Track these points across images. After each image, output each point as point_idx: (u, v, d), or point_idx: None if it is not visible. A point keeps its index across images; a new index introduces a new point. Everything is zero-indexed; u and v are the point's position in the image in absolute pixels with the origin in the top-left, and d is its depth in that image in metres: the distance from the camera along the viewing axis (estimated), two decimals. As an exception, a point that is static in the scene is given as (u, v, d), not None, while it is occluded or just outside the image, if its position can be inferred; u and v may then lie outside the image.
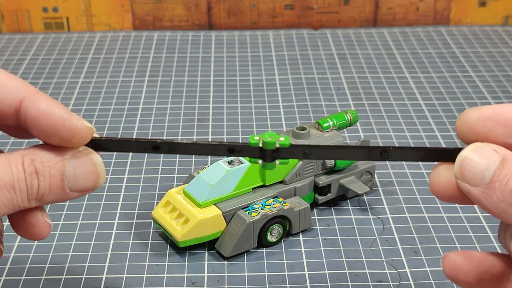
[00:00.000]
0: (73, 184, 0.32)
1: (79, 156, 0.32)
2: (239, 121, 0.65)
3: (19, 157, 0.31)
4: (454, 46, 0.82)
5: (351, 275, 0.45)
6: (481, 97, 0.69)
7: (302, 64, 0.77)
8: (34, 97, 0.32)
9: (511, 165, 0.30)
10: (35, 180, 0.31)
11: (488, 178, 0.30)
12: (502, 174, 0.30)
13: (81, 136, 0.32)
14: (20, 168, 0.31)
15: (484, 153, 0.31)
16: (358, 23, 0.88)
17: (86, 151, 0.32)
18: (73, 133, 0.31)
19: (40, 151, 0.31)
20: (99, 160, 0.32)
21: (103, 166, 0.33)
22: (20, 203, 0.31)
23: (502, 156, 0.30)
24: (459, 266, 0.33)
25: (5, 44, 0.82)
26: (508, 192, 0.29)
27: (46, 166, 0.31)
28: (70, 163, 0.31)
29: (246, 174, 0.47)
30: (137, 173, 0.56)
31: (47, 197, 0.31)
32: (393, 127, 0.63)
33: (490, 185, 0.30)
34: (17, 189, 0.30)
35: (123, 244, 0.48)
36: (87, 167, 0.32)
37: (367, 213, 0.51)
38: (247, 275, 0.45)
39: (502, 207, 0.30)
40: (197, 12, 0.87)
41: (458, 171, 0.31)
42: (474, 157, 0.31)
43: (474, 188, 0.30)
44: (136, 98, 0.69)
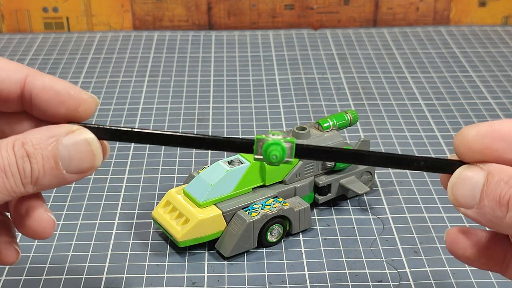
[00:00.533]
0: (68, 165, 0.31)
1: (72, 136, 0.31)
2: (239, 121, 0.65)
3: (9, 142, 0.30)
4: (454, 46, 0.82)
5: (351, 275, 0.45)
6: (481, 97, 0.69)
7: (302, 64, 0.77)
8: (37, 74, 0.33)
9: (495, 178, 0.30)
10: (27, 163, 0.30)
11: (478, 197, 0.31)
12: (488, 190, 0.30)
13: (87, 106, 0.32)
14: (11, 152, 0.30)
15: (469, 175, 0.31)
16: (358, 23, 0.88)
17: (80, 130, 0.31)
18: (78, 102, 0.32)
19: (31, 133, 0.31)
20: (93, 138, 0.32)
21: (98, 144, 0.32)
22: (14, 187, 0.30)
23: (487, 171, 0.31)
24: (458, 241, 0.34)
25: (5, 44, 0.82)
26: (496, 205, 0.30)
27: (37, 148, 0.30)
28: (63, 144, 0.31)
29: (246, 174, 0.47)
30: (137, 173, 0.56)
31: (43, 181, 0.31)
32: (393, 127, 0.63)
33: (481, 204, 0.31)
34: (9, 173, 0.30)
35: (123, 244, 0.48)
36: (81, 146, 0.31)
37: (367, 213, 0.51)
38: (247, 275, 0.45)
39: (496, 222, 0.30)
40: (197, 12, 0.87)
41: (452, 198, 0.32)
42: (462, 180, 0.31)
43: (469, 211, 0.31)
44: (136, 98, 0.69)
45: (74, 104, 0.32)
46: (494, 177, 0.30)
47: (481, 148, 0.31)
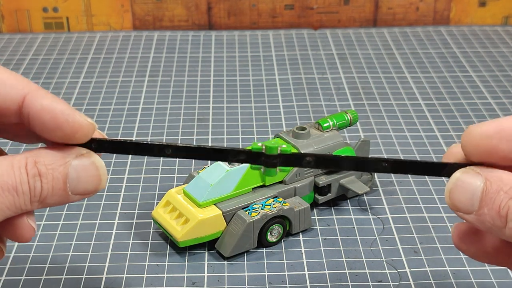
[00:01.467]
0: (75, 187, 0.32)
1: (81, 159, 0.32)
2: (239, 121, 0.65)
3: (22, 160, 0.31)
4: (454, 46, 0.82)
5: (351, 275, 0.45)
6: (481, 97, 0.69)
7: (302, 64, 0.77)
8: (37, 93, 0.32)
9: (493, 186, 0.30)
10: (38, 182, 0.31)
11: (477, 205, 0.31)
12: (487, 198, 0.30)
13: (84, 132, 0.32)
14: (23, 170, 0.31)
15: (467, 180, 0.31)
16: (358, 23, 0.88)
17: (89, 154, 0.32)
18: (75, 128, 0.32)
19: (43, 153, 0.31)
20: (101, 163, 0.32)
21: (105, 170, 0.33)
22: (22, 205, 0.31)
23: (484, 177, 0.31)
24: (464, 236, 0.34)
25: (5, 44, 0.82)
26: (496, 216, 0.30)
27: (49, 168, 0.31)
28: (72, 166, 0.32)
29: (246, 174, 0.47)
30: (137, 173, 0.56)
31: (49, 200, 0.31)
32: (393, 127, 0.63)
33: (480, 212, 0.31)
34: (20, 192, 0.30)
35: (123, 244, 0.48)
36: (89, 170, 0.32)
37: (367, 213, 0.51)
38: (247, 275, 0.45)
39: (495, 229, 0.30)
40: (197, 12, 0.87)
41: (449, 202, 0.32)
42: (459, 186, 0.31)
43: (468, 216, 0.31)
44: (136, 98, 0.69)
45: (71, 131, 0.32)
46: (493, 185, 0.30)
47: (488, 148, 0.31)
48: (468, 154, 0.32)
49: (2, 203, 0.30)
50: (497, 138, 0.31)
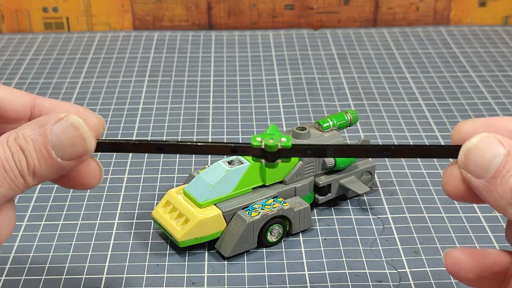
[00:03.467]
0: (62, 152, 0.32)
1: (60, 123, 0.32)
2: (239, 121, 0.65)
3: (3, 139, 0.31)
4: (454, 46, 0.82)
5: (351, 275, 0.45)
6: (481, 97, 0.69)
7: (302, 64, 0.77)
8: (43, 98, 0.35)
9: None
10: (22, 156, 0.31)
11: (491, 172, 0.30)
12: (505, 170, 0.30)
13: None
14: (6, 147, 0.31)
15: (489, 144, 0.30)
16: (358, 23, 0.88)
17: (67, 116, 0.32)
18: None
19: (22, 128, 0.32)
20: (80, 122, 0.32)
21: (86, 128, 0.32)
22: (15, 181, 0.31)
23: (507, 150, 0.30)
24: (461, 263, 0.33)
25: (5, 44, 0.82)
26: (508, 191, 0.29)
27: (28, 140, 0.31)
28: (52, 132, 0.32)
29: (246, 174, 0.47)
30: (137, 173, 0.56)
31: (41, 171, 0.31)
32: (393, 127, 0.63)
33: (492, 180, 0.30)
34: (7, 168, 0.31)
35: (123, 244, 0.48)
36: (69, 132, 0.32)
37: (367, 213, 0.51)
38: (247, 275, 0.45)
39: (501, 203, 0.30)
40: (197, 12, 0.87)
41: (462, 161, 0.31)
42: (479, 149, 0.30)
43: (476, 180, 0.30)
44: (136, 98, 0.69)
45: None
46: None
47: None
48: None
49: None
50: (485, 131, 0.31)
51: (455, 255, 0.33)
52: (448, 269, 0.33)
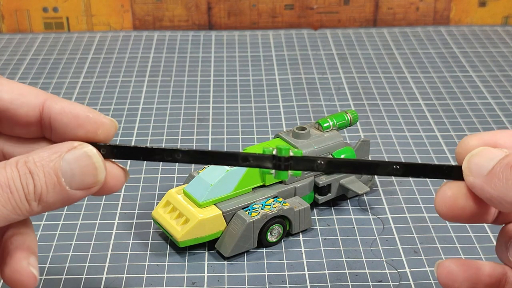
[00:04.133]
0: (71, 180, 0.31)
1: (73, 151, 0.31)
2: (239, 121, 0.65)
3: (13, 161, 0.31)
4: (454, 46, 0.82)
5: (351, 275, 0.45)
6: (481, 97, 0.69)
7: (302, 64, 0.77)
8: (55, 98, 0.33)
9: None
10: (30, 179, 0.30)
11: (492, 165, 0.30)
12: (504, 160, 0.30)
13: (106, 128, 0.32)
14: (14, 169, 0.30)
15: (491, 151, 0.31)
16: (358, 23, 0.88)
17: (81, 145, 0.32)
18: (97, 124, 0.32)
19: (33, 153, 0.31)
20: (93, 152, 0.32)
21: (99, 158, 0.32)
22: (19, 204, 0.30)
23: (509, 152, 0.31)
24: (454, 275, 0.33)
25: (5, 44, 0.82)
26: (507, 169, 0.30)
27: (39, 165, 0.31)
28: (64, 159, 0.31)
29: (246, 174, 0.47)
30: (137, 173, 0.56)
31: (47, 197, 0.31)
32: (393, 127, 0.63)
33: (492, 171, 0.30)
34: (13, 188, 0.30)
35: (123, 244, 0.48)
36: (82, 160, 0.31)
37: (367, 213, 0.51)
38: (247, 275, 0.45)
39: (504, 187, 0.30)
40: (197, 12, 0.87)
41: (466, 166, 0.31)
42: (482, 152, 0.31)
43: (477, 178, 0.31)
44: (136, 98, 0.69)
45: (93, 127, 0.32)
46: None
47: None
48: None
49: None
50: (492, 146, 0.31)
51: (448, 266, 0.33)
52: (441, 281, 0.33)
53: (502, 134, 0.32)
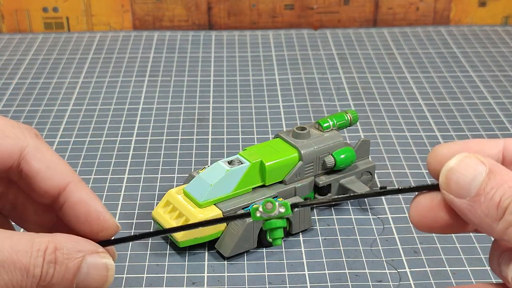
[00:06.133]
0: (82, 281, 0.32)
1: (96, 257, 0.32)
2: (239, 121, 0.65)
3: (43, 243, 0.31)
4: (454, 46, 0.82)
5: (351, 275, 0.45)
6: (481, 97, 0.69)
7: (302, 64, 0.77)
8: (79, 185, 0.33)
9: (498, 177, 0.29)
10: (52, 269, 0.31)
11: (474, 191, 0.29)
12: (488, 187, 0.29)
13: (108, 232, 0.33)
14: (41, 254, 0.30)
15: (470, 163, 0.30)
16: (358, 23, 0.88)
17: (104, 253, 0.32)
18: (103, 227, 0.33)
19: (64, 240, 0.31)
20: (112, 266, 0.33)
21: (114, 272, 0.33)
22: (27, 285, 0.30)
23: (488, 168, 0.30)
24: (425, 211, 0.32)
25: (5, 44, 0.82)
26: (493, 206, 0.29)
27: (66, 257, 0.31)
28: (86, 261, 0.32)
29: (246, 174, 0.47)
30: (137, 173, 0.56)
31: (54, 287, 0.31)
32: (393, 127, 0.63)
33: (476, 198, 0.29)
34: (30, 274, 0.30)
35: (123, 244, 0.48)
36: (100, 270, 0.32)
37: (367, 213, 0.51)
38: (247, 275, 0.45)
39: (486, 221, 0.29)
40: (197, 12, 0.87)
41: (444, 181, 0.30)
42: (460, 168, 0.30)
43: (459, 200, 0.30)
44: (136, 98, 0.69)
45: (97, 228, 0.33)
46: (497, 177, 0.29)
47: None
48: (433, 172, 0.31)
49: (10, 281, 0.30)
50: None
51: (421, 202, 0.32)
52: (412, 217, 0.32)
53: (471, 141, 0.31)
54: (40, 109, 0.67)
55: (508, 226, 0.29)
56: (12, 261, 0.30)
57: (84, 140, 0.61)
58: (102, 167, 0.57)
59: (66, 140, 0.61)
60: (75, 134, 0.62)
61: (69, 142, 0.61)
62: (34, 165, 0.33)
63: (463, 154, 0.30)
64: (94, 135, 0.62)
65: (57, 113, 0.66)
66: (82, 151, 0.59)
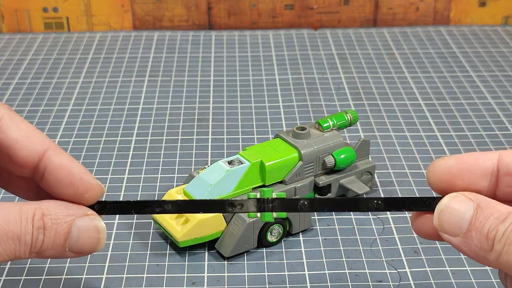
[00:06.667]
0: (73, 245, 0.32)
1: (85, 220, 0.32)
2: (239, 121, 0.65)
3: (30, 210, 0.31)
4: (454, 46, 0.82)
5: (351, 275, 0.45)
6: (481, 97, 0.69)
7: (302, 64, 0.77)
8: (56, 150, 0.34)
9: (485, 211, 0.31)
10: (41, 235, 0.31)
11: (465, 227, 0.31)
12: (477, 222, 0.31)
13: (94, 193, 0.33)
14: (30, 221, 0.31)
15: (459, 202, 0.32)
16: (358, 23, 0.88)
17: (93, 216, 0.33)
18: (87, 188, 0.33)
19: (51, 206, 0.32)
20: (103, 227, 0.33)
21: (106, 234, 0.33)
22: (21, 255, 0.31)
23: (476, 203, 0.32)
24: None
25: (5, 44, 0.82)
26: (483, 238, 0.31)
27: (54, 223, 0.31)
28: (76, 225, 0.32)
29: (246, 174, 0.47)
30: (137, 173, 0.56)
31: (46, 252, 0.32)
32: (393, 127, 0.63)
33: (468, 234, 0.31)
34: (23, 242, 0.31)
35: (123, 244, 0.48)
36: (91, 232, 0.33)
37: (367, 213, 0.51)
38: (247, 275, 0.45)
39: (481, 254, 0.31)
40: (197, 12, 0.87)
41: (438, 224, 0.33)
42: (450, 208, 0.32)
43: (454, 238, 0.32)
44: (136, 98, 0.69)
45: (82, 190, 0.33)
46: (484, 211, 0.31)
47: (449, 178, 0.33)
48: (433, 185, 0.34)
49: (4, 250, 0.31)
50: (457, 170, 0.33)
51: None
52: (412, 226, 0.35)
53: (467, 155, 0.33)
54: (40, 109, 0.67)
55: (499, 255, 0.31)
56: (4, 231, 0.30)
57: (84, 140, 0.61)
58: (102, 167, 0.57)
59: (66, 140, 0.61)
60: (75, 134, 0.62)
61: (69, 142, 0.61)
62: (11, 134, 0.33)
63: (451, 194, 0.33)
64: (94, 135, 0.62)
65: (57, 113, 0.66)
66: (82, 151, 0.59)
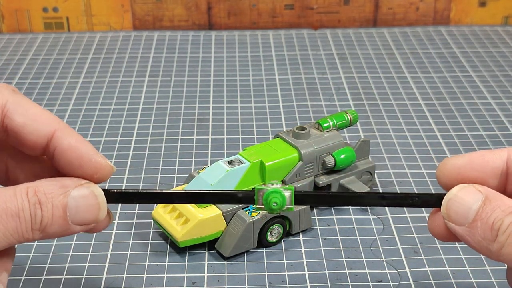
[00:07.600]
0: (74, 216, 0.32)
1: (81, 189, 0.33)
2: (239, 121, 0.65)
3: (23, 188, 0.32)
4: (454, 46, 0.82)
5: (351, 275, 0.45)
6: (481, 97, 0.69)
7: (302, 64, 0.77)
8: (65, 131, 0.34)
9: (492, 203, 0.32)
10: (39, 210, 0.32)
11: (471, 217, 0.32)
12: (483, 213, 0.32)
13: (103, 173, 0.34)
14: (25, 197, 0.31)
15: (468, 193, 0.33)
16: (358, 23, 0.88)
17: (88, 184, 0.33)
18: (96, 169, 0.33)
19: (43, 183, 0.32)
20: (100, 192, 0.33)
21: (104, 199, 0.34)
22: (25, 233, 0.32)
23: (485, 195, 0.32)
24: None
25: (5, 44, 0.82)
26: (488, 229, 0.31)
27: (49, 197, 0.32)
28: (72, 195, 0.32)
29: (246, 174, 0.47)
30: (137, 173, 0.56)
31: (50, 229, 0.32)
32: (393, 127, 0.63)
33: (473, 224, 0.32)
34: (22, 218, 0.31)
35: (123, 244, 0.48)
36: (88, 199, 0.33)
37: (367, 213, 0.51)
38: (247, 275, 0.45)
39: (484, 244, 0.32)
40: (197, 12, 0.87)
41: (445, 212, 0.33)
42: (459, 198, 0.33)
43: (459, 227, 0.32)
44: (136, 98, 0.69)
45: (91, 170, 0.33)
46: (492, 203, 0.32)
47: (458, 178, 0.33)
48: (442, 184, 0.34)
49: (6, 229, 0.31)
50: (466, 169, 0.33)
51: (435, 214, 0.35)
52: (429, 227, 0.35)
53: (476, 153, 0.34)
54: (40, 109, 0.67)
55: (501, 246, 0.31)
56: (3, 209, 0.31)
57: (84, 140, 0.61)
58: (102, 167, 0.57)
59: (66, 140, 0.61)
60: (75, 134, 0.62)
61: (69, 142, 0.61)
62: (17, 119, 0.33)
63: (461, 185, 0.33)
64: (94, 135, 0.62)
65: (57, 113, 0.66)
66: (82, 151, 0.59)
